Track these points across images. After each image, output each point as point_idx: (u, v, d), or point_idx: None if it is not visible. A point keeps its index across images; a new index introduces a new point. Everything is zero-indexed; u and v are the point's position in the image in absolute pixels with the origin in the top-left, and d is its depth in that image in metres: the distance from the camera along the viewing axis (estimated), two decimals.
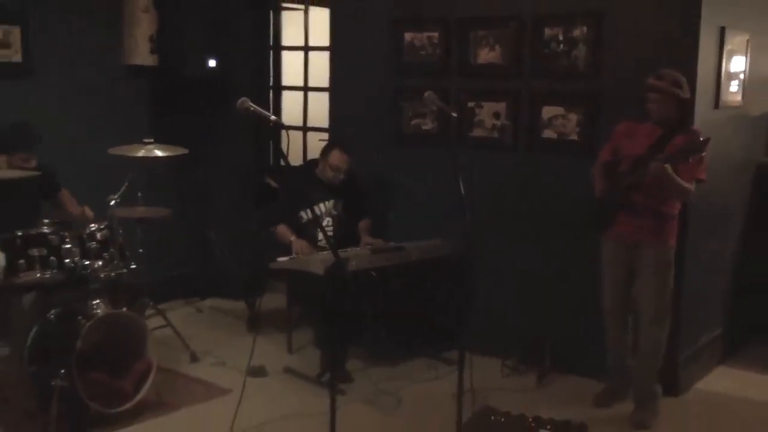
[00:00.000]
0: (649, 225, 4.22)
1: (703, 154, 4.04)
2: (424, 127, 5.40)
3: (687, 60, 4.44)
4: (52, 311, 4.34)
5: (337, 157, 5.24)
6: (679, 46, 4.48)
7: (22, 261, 4.18)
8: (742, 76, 4.96)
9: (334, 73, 5.83)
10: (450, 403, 3.96)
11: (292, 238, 5.11)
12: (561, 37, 4.82)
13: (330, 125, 5.97)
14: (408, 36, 5.38)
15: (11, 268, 4.16)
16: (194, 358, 5.11)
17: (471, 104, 5.17)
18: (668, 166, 4.00)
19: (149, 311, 5.29)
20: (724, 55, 4.71)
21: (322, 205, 5.32)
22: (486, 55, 5.10)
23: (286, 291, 5.39)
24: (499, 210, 5.09)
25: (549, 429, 4.14)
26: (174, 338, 5.23)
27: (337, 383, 4.30)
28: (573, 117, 4.85)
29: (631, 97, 4.39)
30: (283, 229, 5.21)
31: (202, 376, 4.86)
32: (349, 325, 4.83)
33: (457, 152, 3.95)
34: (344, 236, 5.22)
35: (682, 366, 4.77)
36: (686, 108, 4.22)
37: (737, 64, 4.89)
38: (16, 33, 5.35)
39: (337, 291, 4.05)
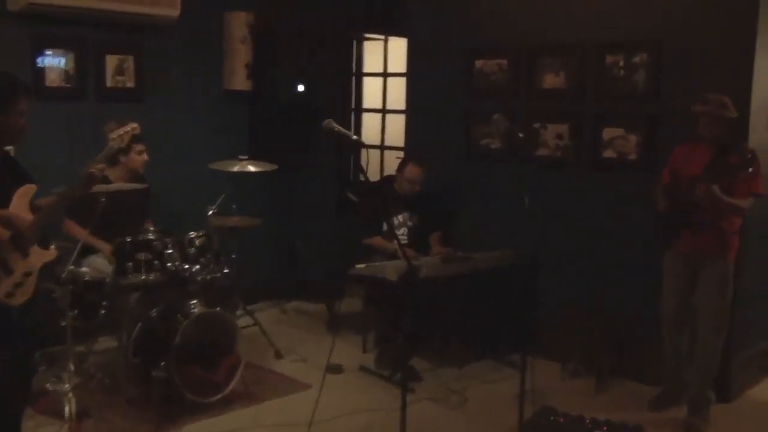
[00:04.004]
0: (710, 241, 4.10)
1: (750, 169, 3.87)
2: (492, 146, 5.34)
3: (742, 84, 4.29)
4: (154, 309, 4.40)
5: (412, 170, 5.22)
6: (734, 70, 4.34)
7: (129, 264, 4.24)
8: None
9: (410, 96, 5.83)
10: (512, 403, 3.88)
11: (396, 246, 5.05)
12: (622, 63, 4.72)
13: (405, 144, 5.95)
14: (478, 63, 5.34)
15: (120, 270, 4.25)
16: (278, 355, 5.12)
17: (536, 125, 5.09)
18: (716, 188, 3.87)
19: (239, 311, 5.32)
20: None
21: (400, 217, 5.30)
22: (551, 80, 5.02)
23: (362, 296, 5.38)
24: (561, 224, 5.00)
25: (605, 430, 4.02)
26: (261, 336, 5.25)
27: (408, 382, 4.25)
28: (632, 138, 4.73)
29: (689, 118, 4.26)
30: (380, 241, 5.20)
31: (285, 372, 4.87)
32: (419, 328, 4.78)
33: (523, 170, 3.90)
34: (417, 246, 5.18)
35: (734, 373, 4.58)
36: (736, 126, 4.08)
37: None
38: (130, 61, 5.48)
39: (409, 296, 4.00)
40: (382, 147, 6.51)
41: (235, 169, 5.14)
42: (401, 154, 5.98)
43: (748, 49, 4.30)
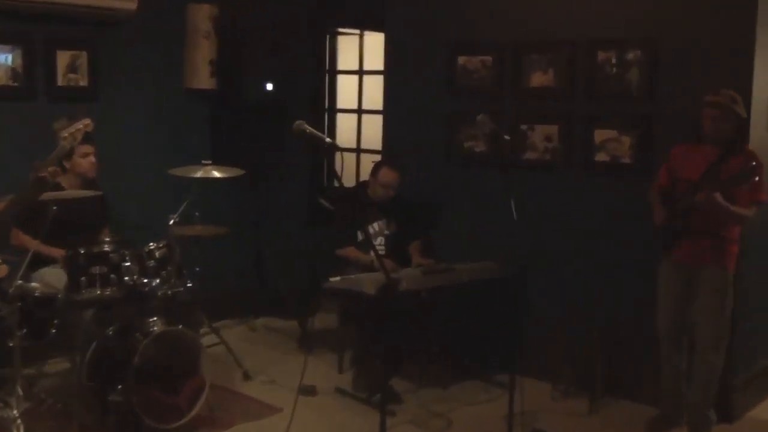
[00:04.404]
0: (708, 249, 4.15)
1: (756, 178, 3.94)
2: (477, 149, 5.37)
3: (742, 84, 4.34)
4: (111, 327, 4.37)
5: (386, 174, 5.25)
6: (734, 70, 4.40)
7: (83, 278, 4.22)
8: None
9: (388, 96, 5.84)
10: (501, 426, 3.89)
11: (370, 259, 5.07)
12: (614, 61, 4.77)
13: (383, 147, 5.97)
14: (461, 60, 5.38)
15: (73, 285, 4.22)
16: (246, 376, 5.10)
17: (523, 127, 5.13)
18: (718, 195, 3.92)
19: (204, 329, 5.30)
20: None
21: (376, 225, 5.32)
22: (539, 79, 5.07)
23: (338, 311, 5.39)
24: (551, 232, 5.04)
25: None
26: (227, 356, 5.23)
27: (387, 404, 4.26)
28: (626, 140, 4.78)
29: (685, 120, 4.32)
30: (354, 251, 5.20)
31: (254, 395, 4.84)
32: (400, 345, 4.81)
33: (509, 174, 3.94)
34: (396, 256, 5.20)
35: (736, 392, 4.63)
36: (742, 128, 4.14)
37: None
38: (83, 58, 5.46)
39: (388, 311, 4.02)
40: (357, 150, 6.53)
41: (198, 174, 5.13)
42: (378, 157, 6.01)
43: (747, 46, 4.36)
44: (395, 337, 4.63)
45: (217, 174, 5.18)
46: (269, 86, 6.08)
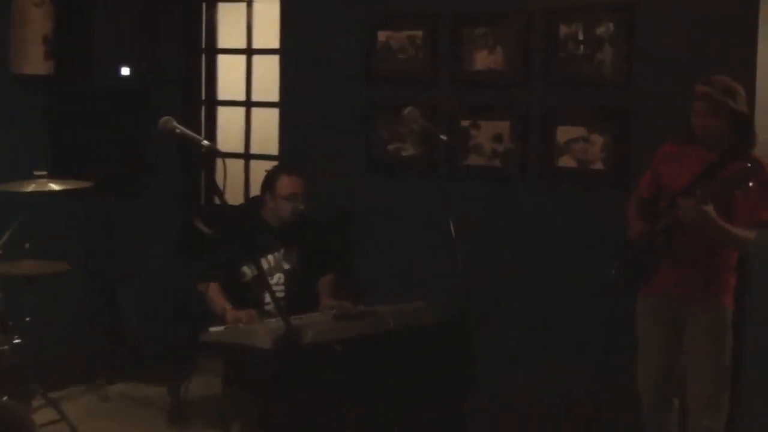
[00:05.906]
0: (698, 278, 4.20)
1: (750, 184, 3.95)
2: (404, 153, 5.40)
3: (742, 65, 4.45)
4: None
5: (286, 184, 5.18)
6: (732, 47, 4.51)
7: None
8: None
9: (286, 83, 5.85)
10: None
11: (228, 307, 5.00)
12: (581, 37, 4.85)
13: (280, 151, 5.96)
14: (382, 35, 5.40)
15: None
16: None
17: (465, 123, 5.17)
18: (710, 208, 3.96)
19: (37, 401, 5.21)
20: None
21: (270, 257, 5.26)
22: (484, 60, 5.12)
23: (221, 372, 5.32)
24: (502, 260, 5.08)
25: None
26: None
27: None
28: (597, 140, 4.86)
29: (671, 113, 4.39)
30: (215, 292, 5.10)
31: None
32: (306, 416, 4.76)
33: (447, 186, 3.93)
34: (299, 298, 5.18)
35: None
36: (743, 127, 4.17)
37: None
38: None
39: (289, 371, 3.97)
40: (246, 155, 6.49)
41: (29, 189, 5.05)
42: (273, 164, 5.96)
43: (750, 17, 4.47)
44: (300, 404, 4.59)
45: (54, 187, 5.09)
46: (125, 70, 6.00)
